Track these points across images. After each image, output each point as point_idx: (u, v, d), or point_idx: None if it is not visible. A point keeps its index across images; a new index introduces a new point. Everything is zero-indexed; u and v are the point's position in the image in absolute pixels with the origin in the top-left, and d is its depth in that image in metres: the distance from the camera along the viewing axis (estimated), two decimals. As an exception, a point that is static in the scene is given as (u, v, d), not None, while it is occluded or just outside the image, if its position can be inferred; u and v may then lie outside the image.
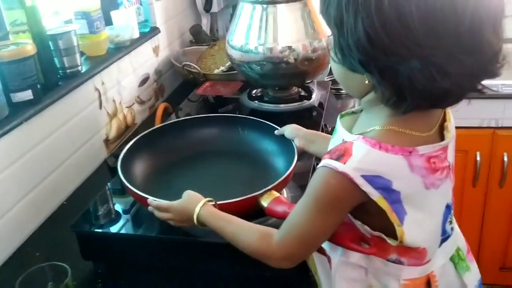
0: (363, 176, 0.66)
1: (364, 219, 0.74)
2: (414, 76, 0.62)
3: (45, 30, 1.13)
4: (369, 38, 0.61)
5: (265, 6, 1.31)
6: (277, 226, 0.90)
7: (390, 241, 0.72)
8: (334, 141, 0.80)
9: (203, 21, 2.04)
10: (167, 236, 0.90)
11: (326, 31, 1.34)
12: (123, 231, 0.92)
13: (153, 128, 1.09)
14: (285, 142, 0.99)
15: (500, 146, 1.68)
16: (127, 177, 0.91)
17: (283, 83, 1.43)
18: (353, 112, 0.84)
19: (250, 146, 1.03)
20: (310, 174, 1.07)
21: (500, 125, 1.66)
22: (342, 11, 0.64)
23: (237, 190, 0.86)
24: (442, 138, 0.73)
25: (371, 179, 0.66)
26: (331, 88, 1.54)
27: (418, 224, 0.70)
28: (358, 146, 0.68)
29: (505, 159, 1.67)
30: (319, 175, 0.70)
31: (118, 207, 1.01)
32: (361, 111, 0.80)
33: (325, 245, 0.82)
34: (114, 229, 0.93)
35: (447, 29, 0.60)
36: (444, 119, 0.75)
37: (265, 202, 0.85)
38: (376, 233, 0.73)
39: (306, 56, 1.32)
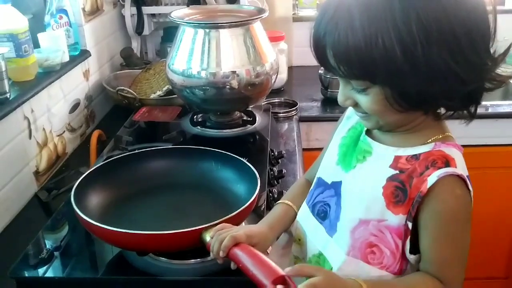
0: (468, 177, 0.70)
1: None
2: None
3: (-31, 54, 1.02)
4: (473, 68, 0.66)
5: (207, 30, 1.29)
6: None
7: None
8: (374, 164, 0.75)
9: (133, 44, 1.97)
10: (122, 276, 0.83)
11: (268, 56, 1.35)
12: (77, 275, 0.85)
13: (108, 160, 1.01)
14: (244, 168, 0.96)
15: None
16: (81, 209, 0.83)
17: (226, 108, 1.41)
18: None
19: (209, 176, 0.99)
20: (264, 203, 1.04)
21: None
22: (429, 53, 0.63)
23: (196, 222, 0.81)
24: None
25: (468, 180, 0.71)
26: (271, 112, 1.54)
27: None
28: (449, 151, 0.71)
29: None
30: (444, 193, 0.69)
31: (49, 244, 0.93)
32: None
33: None
34: (65, 272, 0.85)
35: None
36: None
37: (207, 237, 0.79)
38: None
39: (250, 81, 1.31)
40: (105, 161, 1.00)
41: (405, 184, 0.70)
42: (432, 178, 0.68)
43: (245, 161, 0.98)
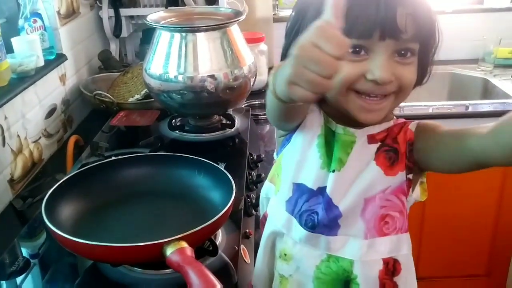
0: None
1: None
2: None
3: None
4: None
5: (184, 34, 1.27)
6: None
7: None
8: (360, 153, 0.77)
9: (112, 47, 1.94)
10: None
11: (246, 59, 1.33)
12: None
13: (81, 169, 0.99)
14: (220, 175, 0.94)
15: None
16: (52, 221, 0.81)
17: (205, 112, 1.39)
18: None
19: (185, 184, 0.97)
20: (242, 208, 1.04)
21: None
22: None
23: (172, 232, 0.79)
24: None
25: None
26: (251, 114, 1.53)
27: None
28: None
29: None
30: (428, 124, 0.76)
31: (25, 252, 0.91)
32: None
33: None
34: (36, 285, 0.83)
35: None
36: None
37: (168, 251, 0.75)
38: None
39: (228, 84, 1.30)
40: (79, 170, 0.98)
41: (392, 144, 0.75)
42: (412, 125, 0.76)
43: (221, 167, 0.96)
